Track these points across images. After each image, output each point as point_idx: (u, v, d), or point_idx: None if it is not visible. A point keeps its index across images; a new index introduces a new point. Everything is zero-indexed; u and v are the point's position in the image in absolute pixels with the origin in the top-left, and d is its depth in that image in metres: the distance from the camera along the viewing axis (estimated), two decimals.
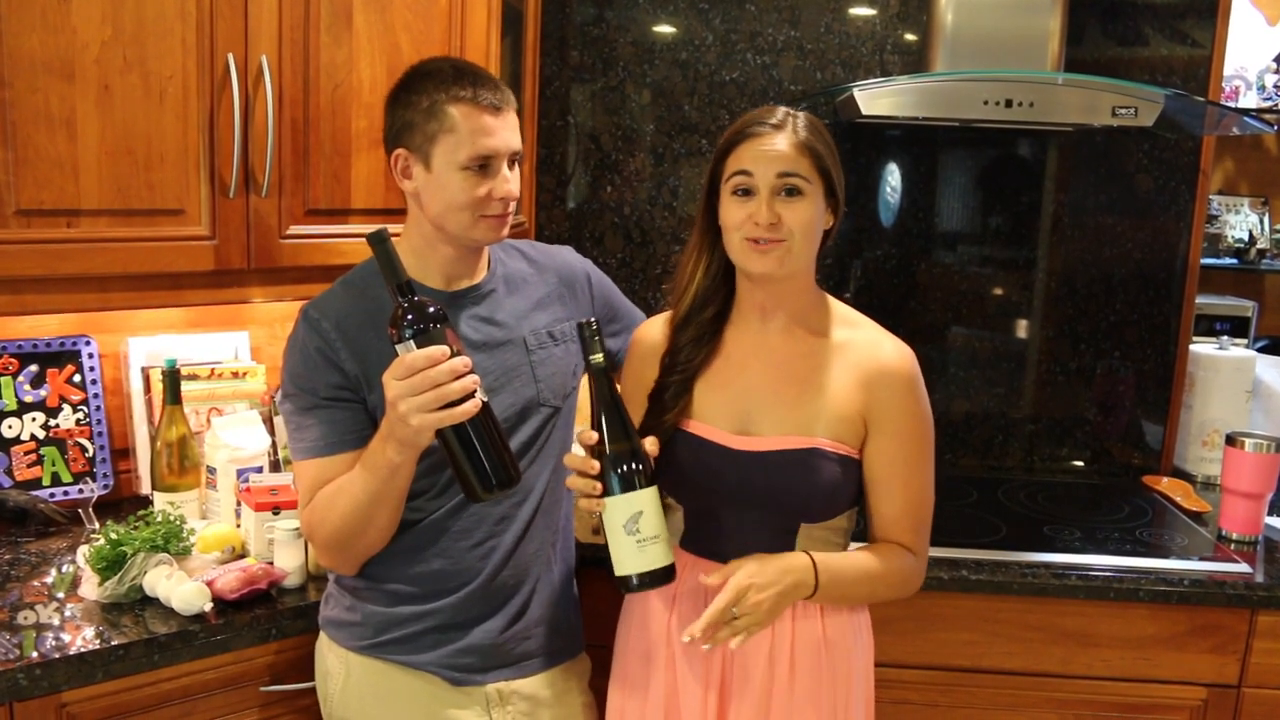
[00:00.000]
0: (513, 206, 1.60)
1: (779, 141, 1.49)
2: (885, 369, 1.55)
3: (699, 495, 1.57)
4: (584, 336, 1.45)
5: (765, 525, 1.53)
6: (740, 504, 1.53)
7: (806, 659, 1.54)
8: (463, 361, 1.36)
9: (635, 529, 1.40)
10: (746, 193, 1.50)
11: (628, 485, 1.41)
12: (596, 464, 1.41)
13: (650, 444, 1.46)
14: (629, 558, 1.41)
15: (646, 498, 1.41)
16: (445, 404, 1.35)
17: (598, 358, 1.44)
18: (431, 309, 1.39)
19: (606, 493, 1.41)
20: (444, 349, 1.36)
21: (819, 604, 1.54)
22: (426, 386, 1.34)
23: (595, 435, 1.43)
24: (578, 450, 1.50)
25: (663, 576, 1.43)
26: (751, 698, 1.54)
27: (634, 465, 1.42)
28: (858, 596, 1.57)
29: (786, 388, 1.56)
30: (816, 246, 1.55)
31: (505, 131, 1.57)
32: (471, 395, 1.37)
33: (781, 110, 1.54)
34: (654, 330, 1.65)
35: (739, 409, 1.56)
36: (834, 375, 1.55)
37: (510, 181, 1.58)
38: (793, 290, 1.57)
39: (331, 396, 1.56)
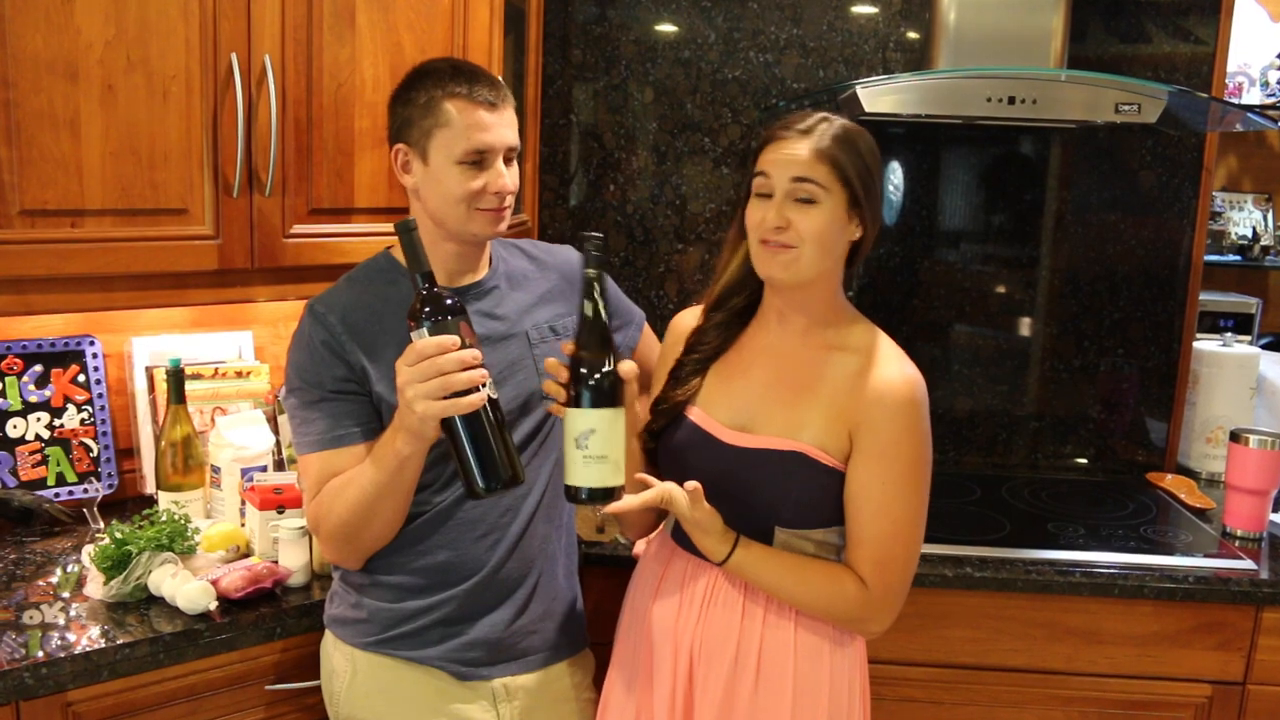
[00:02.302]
0: (509, 201, 1.61)
1: (800, 147, 1.48)
2: (884, 389, 1.50)
3: (683, 483, 1.55)
4: (585, 249, 1.43)
5: (742, 522, 1.53)
6: (719, 497, 1.52)
7: (773, 665, 1.53)
8: (472, 354, 1.38)
9: (585, 444, 1.40)
10: (767, 195, 1.51)
11: (589, 401, 1.40)
12: (565, 371, 1.42)
13: (626, 367, 1.44)
14: (574, 470, 1.41)
15: (600, 417, 1.40)
16: (451, 394, 1.36)
17: (591, 271, 1.43)
18: (449, 300, 1.41)
19: (568, 402, 1.41)
20: (454, 339, 1.37)
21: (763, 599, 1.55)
22: (433, 374, 1.36)
23: (572, 345, 1.43)
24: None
25: (602, 497, 1.42)
26: (714, 694, 1.54)
27: (598, 381, 1.40)
28: (779, 595, 1.53)
29: (784, 390, 1.56)
30: (835, 257, 1.53)
31: (500, 128, 1.58)
32: (480, 389, 1.37)
33: (817, 116, 1.52)
34: (691, 316, 1.68)
35: (739, 405, 1.57)
36: (833, 386, 1.53)
37: (505, 176, 1.59)
38: (808, 298, 1.56)
39: (337, 389, 1.57)
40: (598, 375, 1.41)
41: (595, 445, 1.40)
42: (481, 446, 1.39)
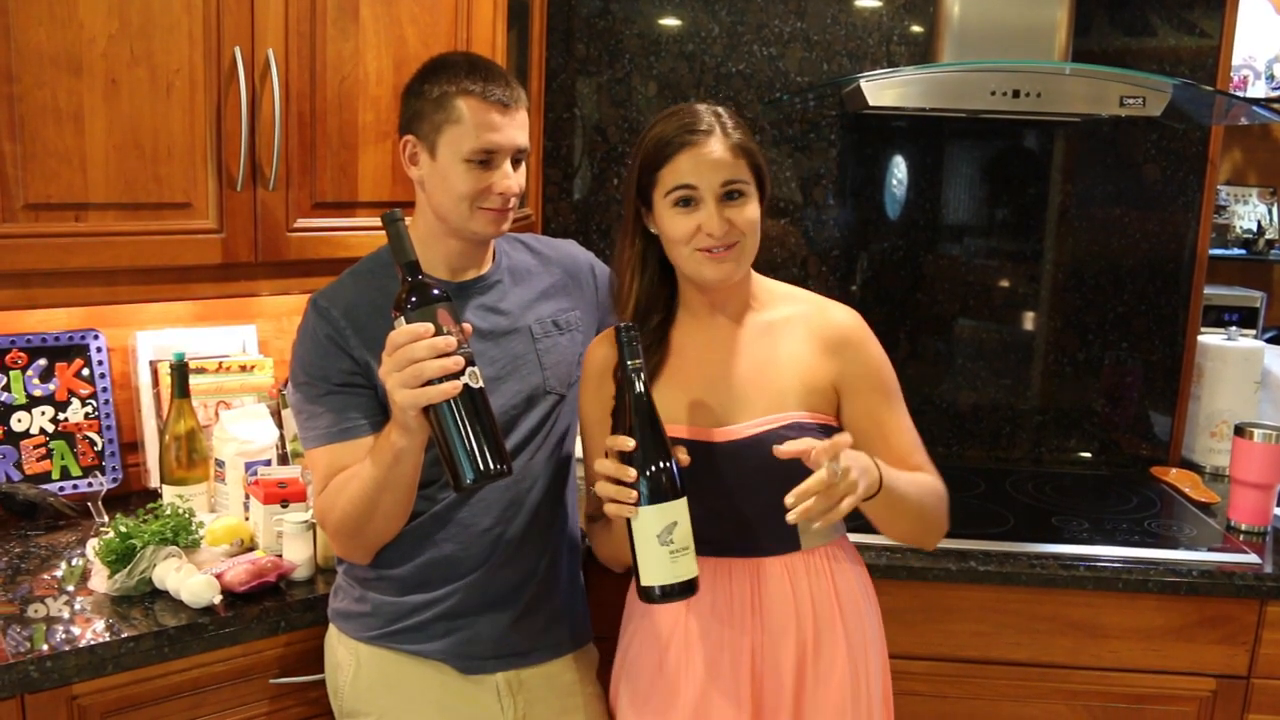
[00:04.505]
0: (513, 202, 1.61)
1: (715, 148, 1.49)
2: (844, 336, 1.59)
3: (694, 497, 1.50)
4: (621, 341, 1.40)
5: (767, 508, 1.51)
6: (735, 494, 1.52)
7: (829, 645, 1.55)
8: (445, 341, 1.34)
9: (669, 539, 1.37)
10: (689, 203, 1.50)
11: (665, 494, 1.37)
12: (633, 471, 1.37)
13: (682, 453, 1.42)
14: (660, 568, 1.37)
15: (682, 507, 1.38)
16: (425, 382, 1.33)
17: (636, 362, 1.39)
18: (434, 290, 1.38)
19: (641, 501, 1.37)
20: (427, 326, 1.34)
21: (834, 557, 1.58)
22: (406, 362, 1.33)
23: (631, 442, 1.38)
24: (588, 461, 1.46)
25: (691, 588, 1.40)
26: (785, 686, 1.53)
27: (671, 473, 1.38)
28: (909, 505, 1.54)
29: (751, 372, 1.57)
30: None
31: (511, 129, 1.58)
32: (458, 378, 1.34)
33: (702, 109, 1.53)
34: (602, 349, 1.63)
35: (709, 404, 1.56)
36: (794, 350, 1.58)
37: (510, 178, 1.59)
38: (741, 285, 1.60)
39: (343, 382, 1.57)
40: (668, 467, 1.38)
41: (679, 537, 1.37)
42: (460, 437, 1.34)
